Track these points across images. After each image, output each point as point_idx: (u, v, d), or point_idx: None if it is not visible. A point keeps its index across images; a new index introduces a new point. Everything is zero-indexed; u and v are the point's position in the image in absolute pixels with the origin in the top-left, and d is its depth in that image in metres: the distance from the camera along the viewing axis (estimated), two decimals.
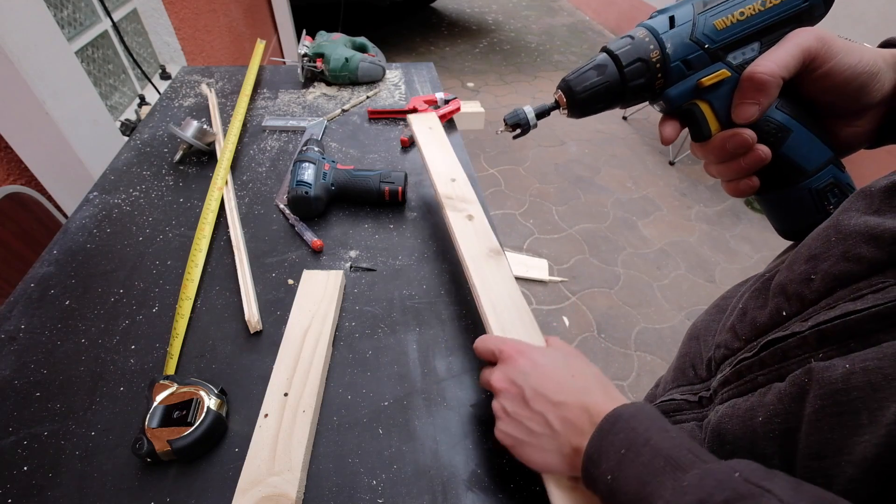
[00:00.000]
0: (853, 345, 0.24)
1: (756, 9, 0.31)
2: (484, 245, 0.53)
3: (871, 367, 0.22)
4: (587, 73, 0.35)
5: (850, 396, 0.23)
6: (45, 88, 0.92)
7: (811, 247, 0.30)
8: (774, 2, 0.31)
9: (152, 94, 1.56)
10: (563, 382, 0.34)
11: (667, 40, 0.32)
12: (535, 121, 0.39)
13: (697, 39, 0.32)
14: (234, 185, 0.74)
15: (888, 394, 0.21)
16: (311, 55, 1.01)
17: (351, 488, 0.41)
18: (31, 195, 0.95)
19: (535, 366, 0.36)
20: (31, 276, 0.59)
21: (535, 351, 0.38)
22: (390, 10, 4.31)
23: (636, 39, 0.34)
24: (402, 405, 0.47)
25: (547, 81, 3.45)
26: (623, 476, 0.28)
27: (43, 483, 0.41)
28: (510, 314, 0.47)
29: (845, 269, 0.26)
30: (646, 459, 0.27)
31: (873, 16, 2.22)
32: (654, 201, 2.30)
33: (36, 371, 0.49)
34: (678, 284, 1.89)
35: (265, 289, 0.58)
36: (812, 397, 0.25)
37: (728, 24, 0.32)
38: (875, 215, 0.27)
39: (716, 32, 0.32)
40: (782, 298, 0.30)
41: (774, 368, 0.29)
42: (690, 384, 0.40)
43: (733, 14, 0.32)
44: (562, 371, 0.36)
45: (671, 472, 0.26)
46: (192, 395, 0.44)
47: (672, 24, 0.33)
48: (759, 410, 0.28)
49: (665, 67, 0.33)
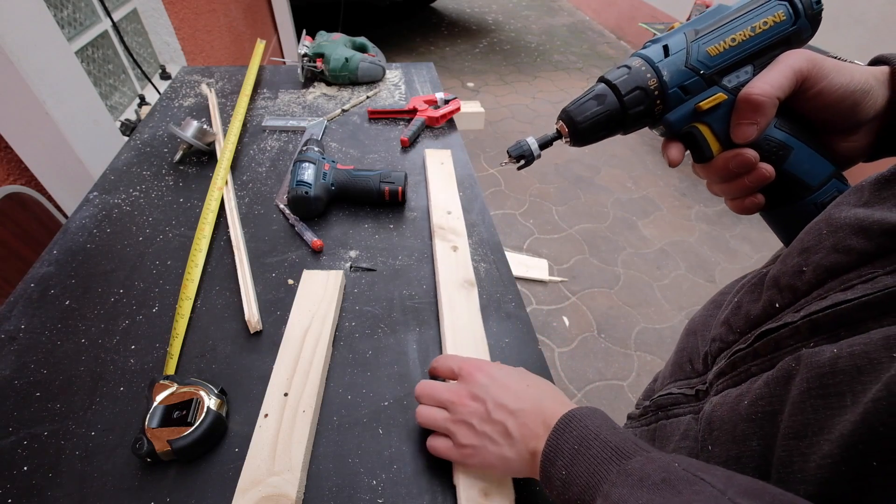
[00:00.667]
0: (843, 333, 0.25)
1: (746, 34, 0.33)
2: (461, 275, 0.58)
3: (858, 351, 0.23)
4: (587, 104, 0.36)
5: (836, 379, 0.23)
6: (45, 88, 0.92)
7: (803, 240, 0.30)
8: (763, 27, 0.33)
9: (152, 94, 1.56)
10: (520, 392, 0.37)
11: (663, 68, 0.34)
12: (538, 151, 0.40)
13: (692, 66, 0.33)
14: (234, 185, 0.74)
15: (873, 377, 0.22)
16: (311, 55, 1.01)
17: (351, 488, 0.41)
18: (31, 195, 0.95)
19: (494, 379, 0.38)
20: (31, 276, 0.59)
21: (491, 366, 0.40)
22: (390, 10, 4.31)
23: (633, 69, 0.35)
24: (402, 405, 0.47)
25: (547, 81, 3.45)
26: (576, 469, 0.30)
27: (43, 483, 0.41)
28: (467, 342, 0.51)
29: (836, 260, 0.27)
30: (595, 451, 0.29)
31: (874, 16, 2.22)
32: (654, 201, 2.30)
33: (36, 371, 0.49)
34: (678, 284, 1.89)
35: (265, 289, 0.58)
36: (798, 380, 0.25)
37: (721, 49, 0.33)
38: (864, 207, 0.27)
39: (709, 58, 0.33)
40: (775, 291, 0.31)
41: (767, 358, 0.29)
42: (688, 378, 0.41)
43: (725, 41, 0.33)
44: (517, 382, 0.38)
45: (617, 460, 0.28)
46: (192, 395, 0.44)
47: (666, 53, 0.34)
48: (746, 396, 0.29)
49: (663, 94, 0.34)
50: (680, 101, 0.34)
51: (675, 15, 3.38)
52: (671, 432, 0.38)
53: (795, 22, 0.33)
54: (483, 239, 0.66)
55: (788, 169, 0.33)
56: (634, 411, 0.49)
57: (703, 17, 0.34)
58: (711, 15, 0.34)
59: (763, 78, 0.32)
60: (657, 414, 0.43)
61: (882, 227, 0.25)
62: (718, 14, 0.34)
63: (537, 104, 3.15)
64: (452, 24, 4.43)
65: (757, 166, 0.33)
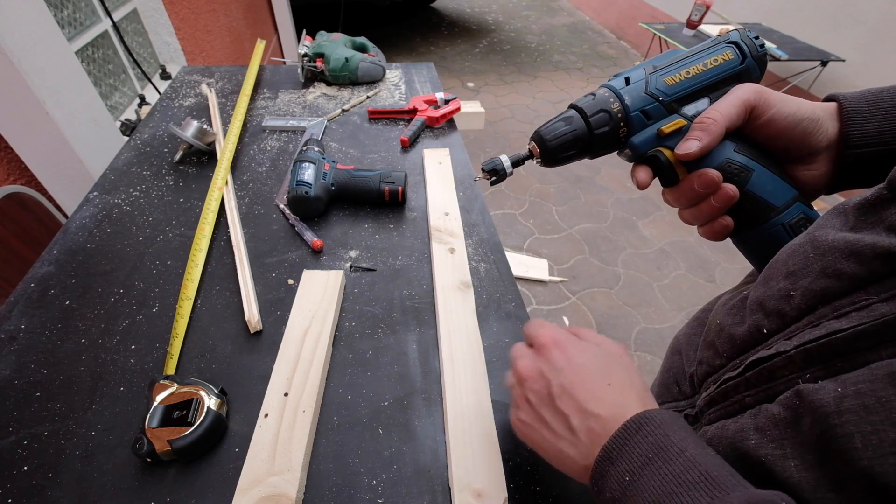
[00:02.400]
0: (840, 364, 0.24)
1: (699, 69, 0.37)
2: (457, 277, 0.59)
3: (864, 389, 0.22)
4: (557, 125, 0.39)
5: (842, 419, 0.23)
6: (45, 88, 0.92)
7: (787, 263, 0.30)
8: (714, 63, 0.37)
9: (152, 93, 1.56)
10: (598, 391, 0.31)
11: (625, 94, 0.37)
12: (511, 169, 0.42)
13: (651, 93, 0.37)
14: (234, 185, 0.74)
15: (883, 416, 0.21)
16: (311, 55, 1.01)
17: (351, 488, 0.41)
18: (31, 195, 0.95)
19: (570, 363, 0.33)
20: (31, 276, 0.59)
21: (573, 345, 0.34)
22: (390, 10, 4.31)
23: (598, 95, 0.38)
24: (402, 405, 0.47)
25: (547, 81, 3.45)
26: (645, 481, 0.25)
27: (43, 483, 0.41)
28: (462, 345, 0.51)
29: (826, 285, 0.27)
30: (677, 469, 0.25)
31: (874, 16, 2.22)
32: (655, 201, 2.30)
33: (36, 371, 0.49)
34: (678, 284, 1.89)
35: (265, 289, 0.58)
36: (808, 423, 0.24)
37: (677, 80, 0.37)
38: (852, 231, 0.27)
39: (667, 87, 0.37)
40: (761, 315, 0.31)
41: (762, 389, 0.29)
42: (676, 401, 0.40)
43: (680, 73, 0.37)
44: (598, 376, 0.32)
45: (707, 489, 0.24)
46: (192, 395, 0.44)
47: (628, 83, 0.38)
48: (750, 434, 0.28)
49: (626, 117, 0.38)
50: (643, 124, 0.38)
51: (675, 15, 3.38)
52: None
53: (743, 61, 0.38)
54: (483, 239, 0.66)
55: (751, 189, 0.36)
56: None
57: (660, 57, 0.39)
58: (668, 56, 0.39)
59: (714, 106, 0.36)
60: None
61: (875, 250, 0.25)
62: (674, 54, 0.39)
63: (537, 104, 3.15)
64: (452, 24, 4.43)
65: (721, 186, 0.35)
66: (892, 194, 0.26)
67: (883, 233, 0.25)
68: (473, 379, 0.48)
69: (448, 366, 0.49)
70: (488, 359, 0.50)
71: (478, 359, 0.49)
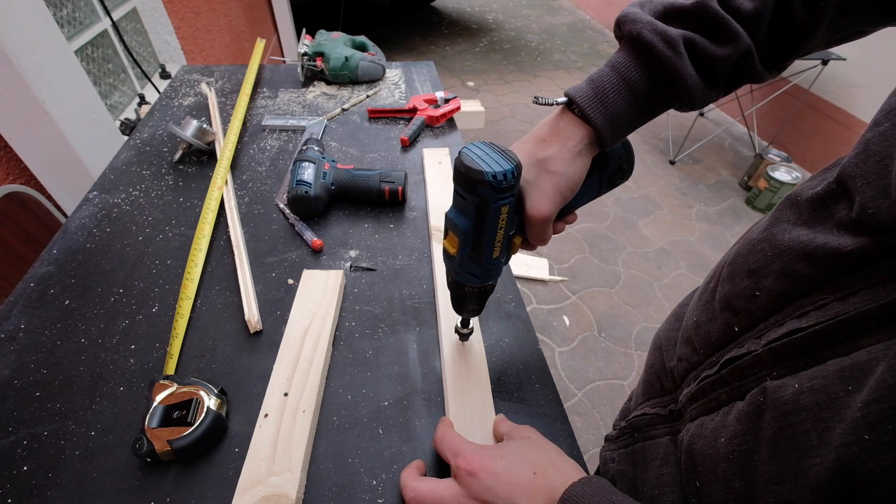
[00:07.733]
0: (802, 363, 0.25)
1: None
2: None
3: (817, 385, 0.23)
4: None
5: (799, 417, 0.23)
6: (45, 88, 0.92)
7: (749, 260, 0.31)
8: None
9: (152, 93, 1.56)
10: (529, 486, 0.34)
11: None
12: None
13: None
14: (233, 184, 0.74)
15: (833, 413, 0.22)
16: (310, 54, 1.01)
17: (351, 488, 0.41)
18: (31, 195, 0.95)
19: (498, 478, 0.34)
20: (31, 276, 0.59)
21: (492, 460, 0.36)
22: (390, 9, 4.31)
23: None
24: (402, 405, 0.47)
25: (547, 80, 3.45)
26: None
27: (43, 483, 0.41)
28: (462, 346, 0.50)
29: (787, 286, 0.27)
30: None
31: None
32: (655, 200, 2.30)
33: (36, 371, 0.49)
34: (678, 284, 1.89)
35: (265, 288, 0.58)
36: (768, 419, 0.25)
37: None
38: (805, 227, 0.28)
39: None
40: (731, 314, 0.32)
41: (735, 386, 0.29)
42: (659, 397, 0.41)
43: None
44: (524, 473, 0.34)
45: None
46: (192, 395, 0.44)
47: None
48: (722, 431, 0.29)
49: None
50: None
51: None
52: (651, 455, 0.38)
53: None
54: None
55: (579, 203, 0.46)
56: (612, 433, 0.48)
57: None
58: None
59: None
60: (634, 436, 0.42)
61: (826, 252, 0.25)
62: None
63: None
64: (453, 23, 4.42)
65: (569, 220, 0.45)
66: (841, 189, 0.26)
67: (833, 230, 0.26)
68: (473, 379, 0.47)
69: (448, 366, 0.49)
70: (488, 359, 0.50)
71: (478, 359, 0.49)
